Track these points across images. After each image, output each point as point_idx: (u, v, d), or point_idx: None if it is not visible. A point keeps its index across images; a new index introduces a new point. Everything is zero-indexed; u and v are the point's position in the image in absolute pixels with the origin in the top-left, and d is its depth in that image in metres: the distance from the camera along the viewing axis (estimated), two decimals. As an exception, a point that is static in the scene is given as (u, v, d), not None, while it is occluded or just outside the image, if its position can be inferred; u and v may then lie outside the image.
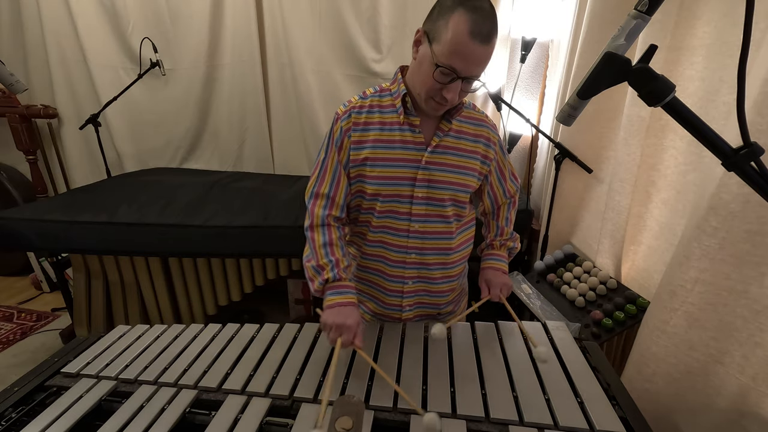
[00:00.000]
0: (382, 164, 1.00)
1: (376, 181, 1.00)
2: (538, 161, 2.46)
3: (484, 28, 0.83)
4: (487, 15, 0.83)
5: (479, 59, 0.86)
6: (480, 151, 1.04)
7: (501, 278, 1.13)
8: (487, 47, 0.85)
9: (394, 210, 1.02)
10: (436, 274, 1.09)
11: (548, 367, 0.94)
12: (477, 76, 0.90)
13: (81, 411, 0.87)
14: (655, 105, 0.58)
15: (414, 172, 0.99)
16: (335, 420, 0.67)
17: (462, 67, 0.86)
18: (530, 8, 2.24)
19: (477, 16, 0.82)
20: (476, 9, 0.83)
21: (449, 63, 0.86)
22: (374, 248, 1.08)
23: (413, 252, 1.05)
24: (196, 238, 1.92)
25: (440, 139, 1.00)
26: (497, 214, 1.19)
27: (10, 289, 2.94)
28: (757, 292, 1.03)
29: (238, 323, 1.19)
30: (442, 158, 1.00)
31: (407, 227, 1.03)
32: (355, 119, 1.01)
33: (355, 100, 1.03)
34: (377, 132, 1.00)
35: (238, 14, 2.53)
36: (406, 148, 0.99)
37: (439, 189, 1.01)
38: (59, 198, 2.25)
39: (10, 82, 1.44)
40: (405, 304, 1.11)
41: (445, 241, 1.06)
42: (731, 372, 1.10)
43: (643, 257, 1.66)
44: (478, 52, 0.85)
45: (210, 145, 2.91)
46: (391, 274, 1.08)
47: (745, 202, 0.98)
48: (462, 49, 0.84)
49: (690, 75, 1.36)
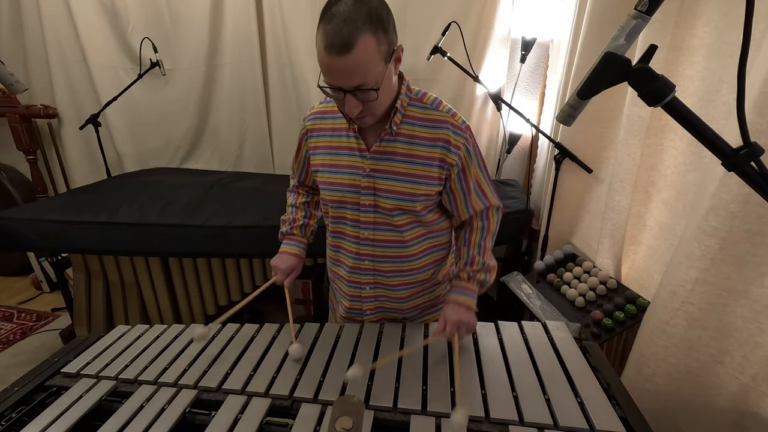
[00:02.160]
0: (330, 170, 1.02)
1: (326, 186, 1.04)
2: (538, 161, 2.46)
3: (338, 38, 0.75)
4: (343, 19, 0.75)
5: (345, 71, 0.79)
6: (437, 156, 0.95)
7: (460, 314, 0.96)
8: (348, 56, 0.76)
9: (344, 216, 1.04)
10: (393, 281, 1.07)
11: (548, 367, 0.94)
12: (367, 86, 0.81)
13: (81, 411, 0.87)
14: (655, 105, 0.58)
15: (358, 179, 0.98)
16: (335, 420, 0.67)
17: (337, 82, 0.81)
18: (530, 8, 2.24)
19: (330, 27, 0.76)
20: (330, 18, 0.76)
21: (327, 81, 0.83)
22: (334, 253, 1.12)
23: (366, 259, 1.05)
24: (196, 238, 1.92)
25: (382, 144, 0.96)
26: (468, 239, 1.04)
27: (10, 289, 2.94)
28: (757, 292, 1.03)
29: (238, 323, 1.19)
30: (387, 165, 0.96)
31: (357, 234, 1.03)
32: (311, 126, 1.05)
33: (317, 106, 1.06)
34: (328, 138, 1.02)
35: (238, 14, 2.53)
36: (351, 154, 0.99)
37: (384, 198, 0.98)
38: (59, 198, 2.26)
39: (10, 82, 1.44)
40: (365, 308, 1.12)
41: (397, 249, 1.03)
42: (731, 372, 1.10)
43: (643, 257, 1.66)
44: (341, 65, 0.77)
45: (210, 145, 2.91)
46: (349, 279, 1.10)
47: (745, 202, 0.98)
48: (325, 66, 0.80)
49: (690, 75, 1.36)
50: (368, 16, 0.76)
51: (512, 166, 2.63)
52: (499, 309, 2.22)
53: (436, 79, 2.44)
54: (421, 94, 0.98)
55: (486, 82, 2.27)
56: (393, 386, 0.89)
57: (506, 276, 2.02)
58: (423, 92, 0.98)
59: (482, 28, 2.31)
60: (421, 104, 0.97)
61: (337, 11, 0.76)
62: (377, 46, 0.78)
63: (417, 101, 0.97)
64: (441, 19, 2.21)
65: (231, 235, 1.91)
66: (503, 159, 2.58)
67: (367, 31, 0.76)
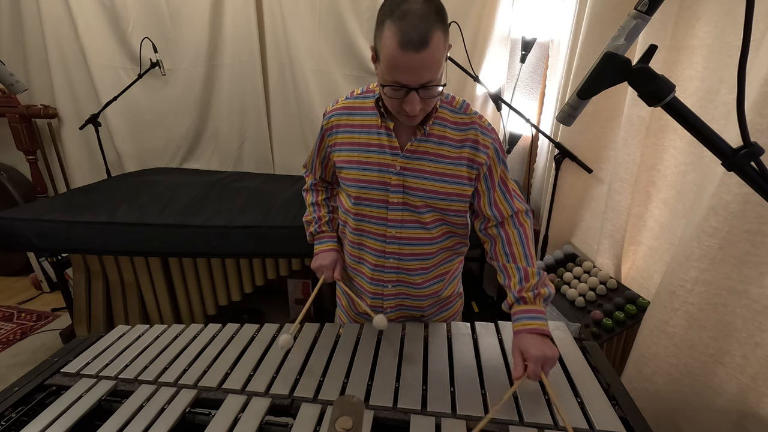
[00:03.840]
0: (358, 167, 1.00)
1: (352, 183, 1.02)
2: (538, 161, 2.46)
3: (415, 34, 0.76)
4: (418, 17, 0.76)
5: (420, 68, 0.80)
6: (466, 155, 0.97)
7: (542, 348, 0.83)
8: (424, 53, 0.77)
9: (370, 214, 1.03)
10: (417, 279, 1.07)
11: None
12: (434, 82, 0.83)
13: (81, 411, 0.87)
14: (655, 105, 0.58)
15: (388, 177, 0.98)
16: (335, 420, 0.67)
17: (407, 80, 0.81)
18: (530, 8, 2.24)
19: (405, 23, 0.76)
20: (404, 15, 0.76)
21: (393, 79, 0.82)
22: (355, 250, 1.10)
23: (391, 257, 1.04)
24: (196, 238, 1.92)
25: (415, 144, 0.96)
26: (511, 253, 0.97)
27: (10, 289, 2.94)
28: (757, 292, 1.03)
29: (238, 323, 1.19)
30: (417, 164, 0.97)
31: (384, 232, 1.02)
32: (336, 122, 1.03)
33: (342, 101, 1.05)
34: (356, 135, 1.01)
35: (238, 14, 2.53)
36: (382, 152, 0.98)
37: (414, 196, 0.98)
38: (59, 198, 2.25)
39: (10, 82, 1.44)
40: (386, 306, 1.11)
41: (424, 246, 1.03)
42: (731, 372, 1.10)
43: (643, 257, 1.66)
44: (416, 62, 0.78)
45: (210, 145, 2.91)
46: (371, 277, 1.09)
47: (745, 202, 0.98)
48: (398, 64, 0.79)
49: (690, 75, 1.36)
50: (438, 13, 0.79)
51: (512, 166, 2.63)
52: (499, 309, 2.21)
53: (436, 79, 2.44)
54: (450, 97, 1.00)
55: (486, 82, 2.27)
56: (393, 386, 0.89)
57: (506, 276, 2.01)
58: (452, 96, 1.00)
59: (482, 28, 2.31)
60: (451, 107, 0.98)
61: (410, 8, 0.77)
62: (445, 43, 0.81)
63: (447, 104, 0.98)
64: (441, 19, 2.21)
65: (231, 235, 1.91)
66: (503, 159, 2.57)
67: (439, 28, 0.78)
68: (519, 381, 0.82)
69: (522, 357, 0.85)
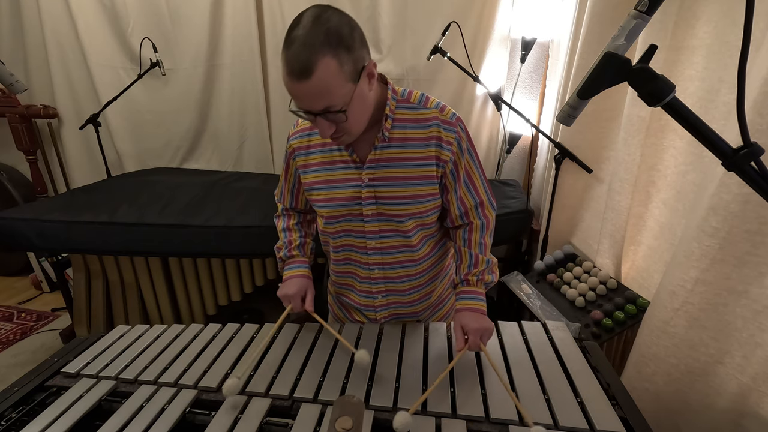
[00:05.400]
0: (327, 186, 1.00)
1: (324, 204, 1.01)
2: (538, 161, 2.46)
3: (297, 64, 0.73)
4: (301, 43, 0.73)
5: (309, 96, 0.77)
6: (434, 154, 0.94)
7: (480, 322, 0.94)
8: (308, 82, 0.74)
9: (349, 229, 1.02)
10: (404, 286, 1.07)
11: (548, 367, 0.94)
12: (334, 108, 0.79)
13: (81, 411, 0.87)
14: (655, 105, 0.58)
15: (357, 191, 0.97)
16: (335, 420, 0.67)
17: (304, 106, 0.80)
18: (530, 8, 2.25)
19: (289, 52, 0.74)
20: (291, 43, 0.74)
21: (296, 105, 0.81)
22: (342, 266, 1.10)
23: (376, 268, 1.05)
24: (196, 238, 1.92)
25: (377, 153, 0.94)
26: (469, 239, 1.03)
27: (10, 289, 2.95)
28: (757, 292, 1.03)
29: (238, 323, 1.19)
30: (384, 172, 0.95)
31: (364, 244, 1.03)
32: (297, 144, 1.02)
33: (300, 123, 1.02)
34: (319, 155, 1.00)
35: (238, 14, 2.53)
36: (347, 167, 0.97)
37: (387, 205, 0.97)
38: (59, 198, 2.26)
39: (10, 82, 1.44)
40: (379, 316, 1.12)
41: (407, 254, 1.03)
42: (731, 372, 1.10)
43: (643, 257, 1.66)
44: (304, 90, 0.76)
45: (210, 145, 2.91)
46: (361, 290, 1.10)
47: (745, 202, 0.98)
48: (290, 92, 0.78)
49: (690, 75, 1.36)
50: (326, 37, 0.74)
51: (512, 166, 2.63)
52: (499, 309, 2.22)
53: (436, 79, 2.44)
54: (408, 93, 0.96)
55: (486, 82, 2.27)
56: (393, 386, 0.89)
57: (506, 276, 2.02)
58: (409, 91, 0.97)
59: (482, 28, 2.31)
60: (409, 104, 0.95)
61: (295, 35, 0.74)
62: (339, 67, 0.76)
63: (405, 102, 0.95)
64: (441, 19, 2.21)
65: (231, 235, 1.91)
66: (503, 159, 2.58)
67: (327, 54, 0.73)
68: (461, 352, 0.92)
69: (463, 331, 0.93)
